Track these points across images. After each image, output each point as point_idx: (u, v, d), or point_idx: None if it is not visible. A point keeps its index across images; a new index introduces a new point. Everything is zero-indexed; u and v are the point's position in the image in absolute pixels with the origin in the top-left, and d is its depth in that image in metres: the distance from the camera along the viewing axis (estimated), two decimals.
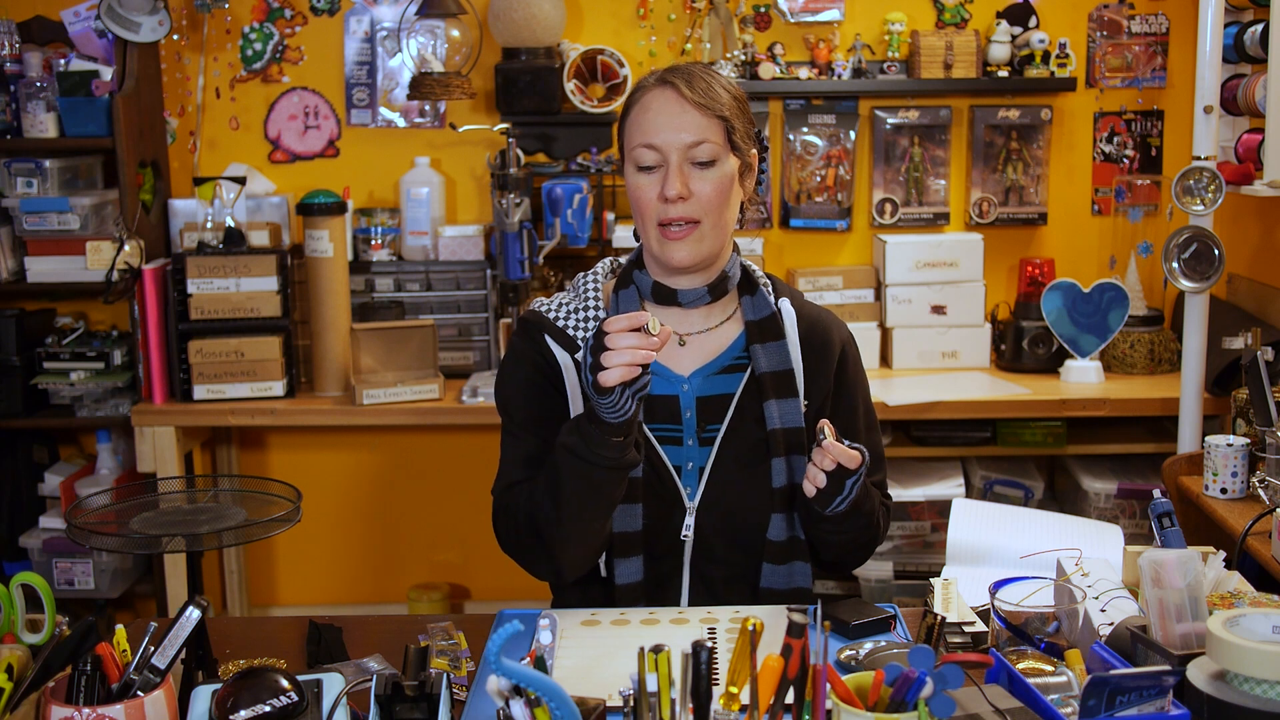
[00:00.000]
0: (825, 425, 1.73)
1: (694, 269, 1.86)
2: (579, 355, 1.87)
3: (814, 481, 1.76)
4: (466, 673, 1.68)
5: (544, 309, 1.92)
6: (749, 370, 1.90)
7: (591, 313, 1.89)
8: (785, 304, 1.93)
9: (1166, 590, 1.47)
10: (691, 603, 1.89)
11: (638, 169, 1.83)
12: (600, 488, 1.72)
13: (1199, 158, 2.86)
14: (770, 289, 1.95)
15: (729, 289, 1.92)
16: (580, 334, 1.88)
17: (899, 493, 3.29)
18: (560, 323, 1.89)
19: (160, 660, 1.40)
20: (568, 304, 1.91)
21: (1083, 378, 3.34)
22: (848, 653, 1.63)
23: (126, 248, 3.21)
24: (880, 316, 3.52)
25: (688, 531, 1.87)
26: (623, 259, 1.99)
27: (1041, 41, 3.44)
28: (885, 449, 3.36)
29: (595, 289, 1.92)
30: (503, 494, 1.87)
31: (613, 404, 1.63)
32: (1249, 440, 2.56)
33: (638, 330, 1.61)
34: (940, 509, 3.27)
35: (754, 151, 1.90)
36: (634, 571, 1.86)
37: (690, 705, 1.28)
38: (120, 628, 1.49)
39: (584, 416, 1.70)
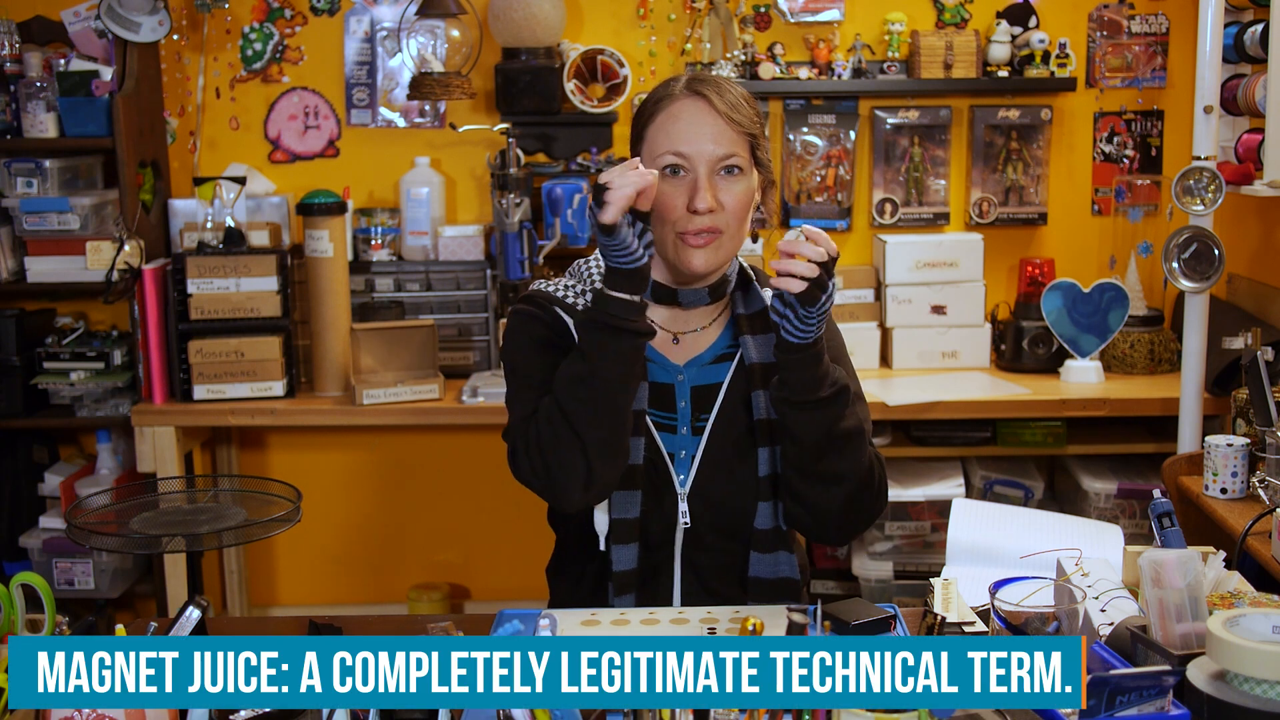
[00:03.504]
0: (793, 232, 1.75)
1: (708, 276, 1.89)
2: None
3: (808, 270, 1.66)
4: None
5: (550, 288, 1.93)
6: (737, 359, 1.92)
7: None
8: (768, 293, 1.94)
9: (1166, 590, 1.47)
10: (683, 591, 1.91)
11: (662, 175, 1.83)
12: (622, 353, 1.74)
13: (1199, 158, 2.86)
14: (755, 280, 1.97)
15: (727, 293, 1.94)
16: None
17: (899, 493, 3.29)
18: (570, 300, 1.90)
19: None
20: (573, 286, 1.93)
21: (1083, 378, 3.34)
22: None
23: (126, 248, 3.21)
24: (880, 316, 3.52)
25: (685, 518, 1.88)
26: None
27: (1041, 41, 3.44)
28: (885, 449, 3.38)
29: (599, 274, 1.92)
30: (522, 422, 1.83)
31: (622, 243, 1.68)
32: (1249, 440, 2.56)
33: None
34: (940, 509, 3.27)
35: (769, 163, 1.92)
36: (630, 558, 1.88)
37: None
38: (120, 628, 1.49)
39: (597, 292, 1.75)
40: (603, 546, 1.88)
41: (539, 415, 1.80)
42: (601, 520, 1.87)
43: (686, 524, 1.89)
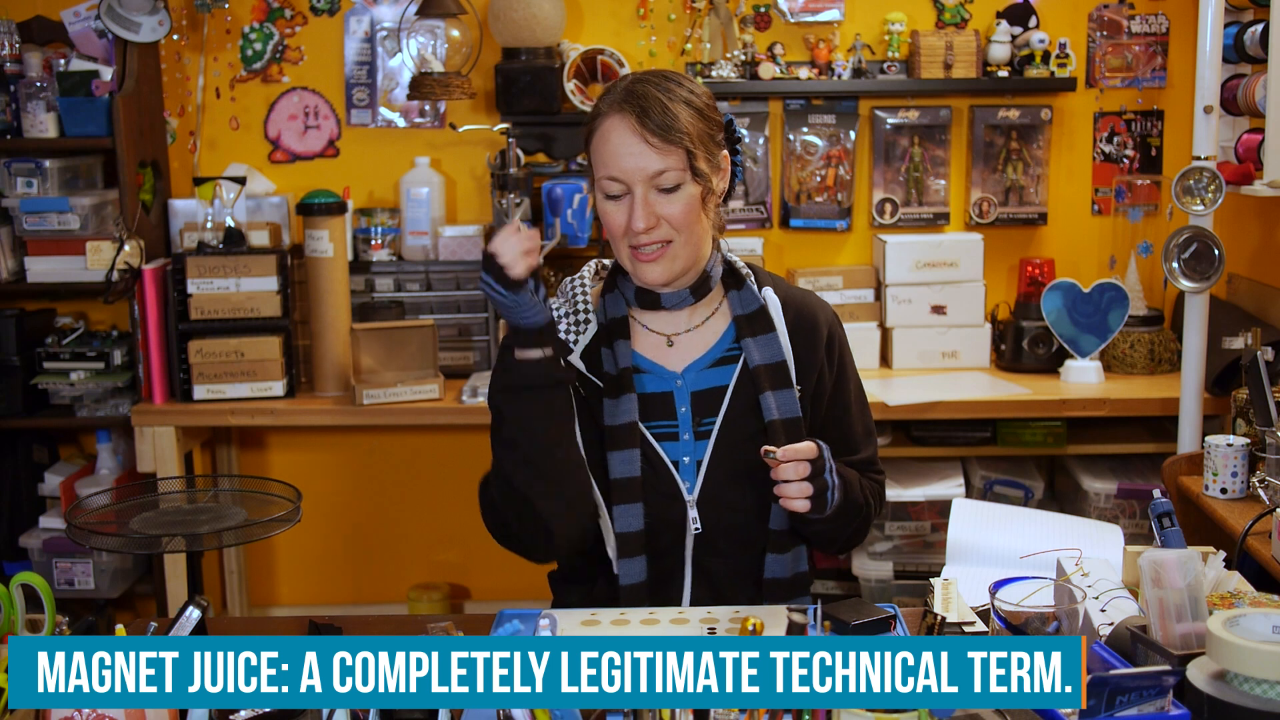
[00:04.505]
0: (767, 450, 1.77)
1: (668, 285, 1.89)
2: (571, 358, 1.88)
3: (802, 494, 1.78)
4: None
5: None
6: (741, 362, 1.92)
7: (581, 316, 1.91)
8: (769, 293, 1.94)
9: (1166, 590, 1.47)
10: (694, 597, 1.91)
11: (605, 196, 1.84)
12: (543, 410, 1.76)
13: (1199, 158, 2.86)
14: (753, 279, 1.96)
15: (712, 287, 1.94)
16: (573, 338, 1.89)
17: (899, 493, 3.29)
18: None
19: None
20: (558, 309, 1.93)
21: (1083, 378, 3.34)
22: None
23: (126, 248, 3.21)
24: (880, 316, 3.52)
25: (696, 525, 1.88)
26: (607, 261, 2.01)
27: (1041, 41, 3.44)
28: (885, 449, 3.39)
29: (584, 293, 1.94)
30: (482, 482, 1.89)
31: (527, 300, 1.70)
32: (1249, 440, 2.56)
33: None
34: (940, 509, 3.27)
35: (716, 178, 1.87)
36: (638, 571, 1.87)
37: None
38: (120, 628, 1.49)
39: (502, 350, 1.77)
40: (617, 569, 1.87)
41: (491, 479, 1.84)
42: (611, 539, 1.87)
43: (698, 529, 1.88)
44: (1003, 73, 3.48)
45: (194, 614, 1.43)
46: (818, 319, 1.96)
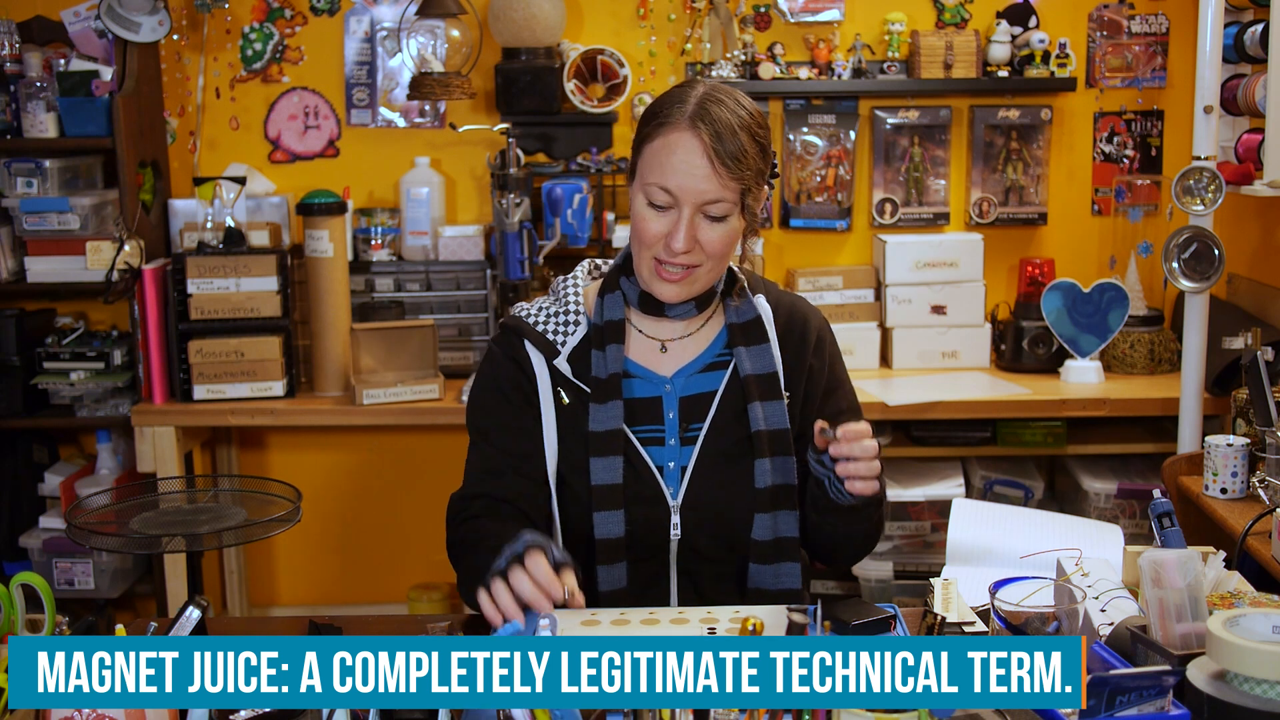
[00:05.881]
0: (822, 425, 1.71)
1: (679, 304, 1.88)
2: (557, 361, 1.88)
3: (873, 473, 1.70)
4: None
5: (524, 314, 1.92)
6: (730, 369, 1.91)
7: (571, 316, 1.90)
8: (761, 300, 1.93)
9: (1166, 590, 1.47)
10: (680, 602, 1.90)
11: (648, 202, 1.79)
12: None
13: (1199, 158, 2.86)
14: (747, 286, 1.95)
15: (714, 300, 1.93)
16: (560, 338, 1.88)
17: (899, 493, 3.30)
18: (540, 327, 1.90)
19: None
20: (548, 308, 1.92)
21: (1083, 378, 3.35)
22: None
23: (126, 248, 3.21)
24: (880, 316, 3.52)
25: (676, 531, 1.86)
26: (601, 262, 2.00)
27: (1041, 41, 3.44)
28: (885, 449, 3.38)
29: (576, 293, 1.93)
30: (455, 503, 1.90)
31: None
32: (1249, 440, 2.56)
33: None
34: (940, 509, 3.27)
35: (760, 210, 1.86)
36: (618, 578, 1.85)
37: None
38: (120, 628, 1.49)
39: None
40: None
41: (456, 531, 1.85)
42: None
43: (677, 535, 1.87)
44: (1003, 73, 3.48)
45: (194, 614, 1.43)
46: (808, 323, 1.95)
